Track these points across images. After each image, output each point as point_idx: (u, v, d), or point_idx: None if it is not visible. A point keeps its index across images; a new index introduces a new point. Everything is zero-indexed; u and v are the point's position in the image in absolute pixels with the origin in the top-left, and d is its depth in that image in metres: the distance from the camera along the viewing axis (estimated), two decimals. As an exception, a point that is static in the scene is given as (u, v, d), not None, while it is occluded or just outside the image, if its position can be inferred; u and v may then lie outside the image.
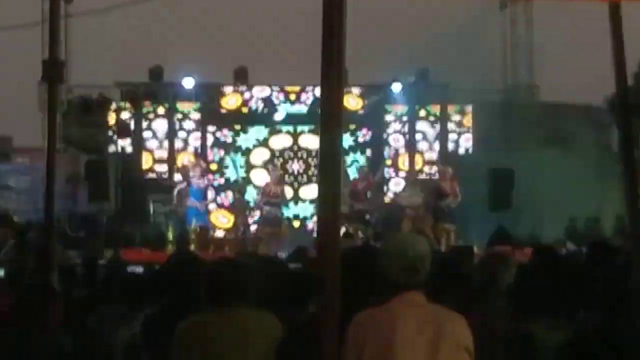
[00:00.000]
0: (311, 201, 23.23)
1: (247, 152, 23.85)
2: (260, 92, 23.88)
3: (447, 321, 4.20)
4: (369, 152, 24.23)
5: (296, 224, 23.55)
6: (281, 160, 23.75)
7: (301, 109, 23.85)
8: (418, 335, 4.12)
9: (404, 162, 24.32)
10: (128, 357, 6.00)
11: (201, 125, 23.86)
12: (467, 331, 4.22)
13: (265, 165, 23.38)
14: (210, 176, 22.70)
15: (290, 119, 23.87)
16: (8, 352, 6.38)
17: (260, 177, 23.14)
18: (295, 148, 23.99)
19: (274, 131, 23.99)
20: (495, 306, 5.20)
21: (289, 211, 23.05)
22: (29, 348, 6.30)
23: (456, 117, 24.68)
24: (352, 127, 23.71)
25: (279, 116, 23.83)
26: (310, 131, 23.64)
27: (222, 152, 23.87)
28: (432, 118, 24.61)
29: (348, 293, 3.51)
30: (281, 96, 23.94)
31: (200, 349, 4.96)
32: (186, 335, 5.03)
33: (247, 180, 23.07)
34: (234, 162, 22.70)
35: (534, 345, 5.09)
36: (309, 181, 23.70)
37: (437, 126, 24.57)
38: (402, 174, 24.13)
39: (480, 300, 5.17)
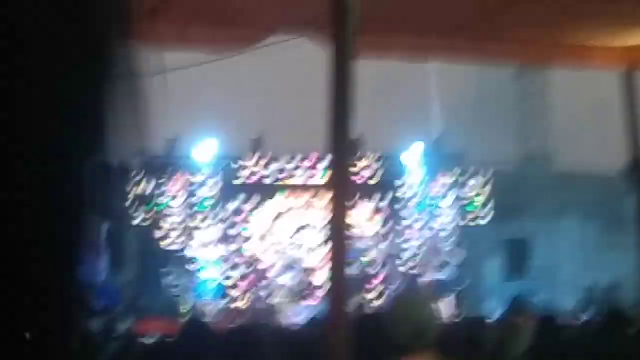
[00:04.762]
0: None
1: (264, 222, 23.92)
2: (277, 163, 23.95)
3: None
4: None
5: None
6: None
7: (316, 179, 23.94)
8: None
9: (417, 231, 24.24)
10: None
11: (219, 197, 23.92)
12: None
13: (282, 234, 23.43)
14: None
15: (306, 188, 23.94)
16: None
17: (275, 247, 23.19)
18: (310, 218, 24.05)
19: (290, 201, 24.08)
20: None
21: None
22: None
23: (472, 187, 24.58)
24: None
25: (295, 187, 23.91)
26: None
27: (238, 224, 23.90)
28: (447, 187, 24.53)
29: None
30: (299, 166, 24.02)
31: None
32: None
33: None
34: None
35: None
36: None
37: (453, 196, 24.50)
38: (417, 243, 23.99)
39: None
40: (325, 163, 23.84)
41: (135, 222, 23.41)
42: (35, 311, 0.96)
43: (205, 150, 23.47)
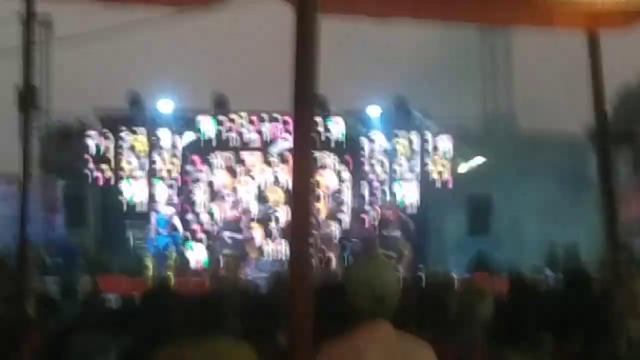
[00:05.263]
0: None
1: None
2: (239, 119, 23.79)
3: (414, 352, 4.12)
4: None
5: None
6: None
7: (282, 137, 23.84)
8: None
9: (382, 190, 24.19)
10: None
11: (181, 153, 23.74)
12: None
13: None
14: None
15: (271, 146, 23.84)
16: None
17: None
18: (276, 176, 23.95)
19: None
20: (472, 337, 5.18)
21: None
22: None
23: (435, 145, 24.51)
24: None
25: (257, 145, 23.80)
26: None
27: (198, 181, 23.75)
28: (410, 146, 24.43)
29: (319, 324, 3.48)
30: (261, 124, 23.88)
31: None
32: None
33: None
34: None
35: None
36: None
37: (416, 154, 24.42)
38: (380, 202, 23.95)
39: (457, 332, 5.14)
40: (289, 121, 23.74)
41: (95, 178, 23.19)
42: None
43: (166, 106, 23.32)
